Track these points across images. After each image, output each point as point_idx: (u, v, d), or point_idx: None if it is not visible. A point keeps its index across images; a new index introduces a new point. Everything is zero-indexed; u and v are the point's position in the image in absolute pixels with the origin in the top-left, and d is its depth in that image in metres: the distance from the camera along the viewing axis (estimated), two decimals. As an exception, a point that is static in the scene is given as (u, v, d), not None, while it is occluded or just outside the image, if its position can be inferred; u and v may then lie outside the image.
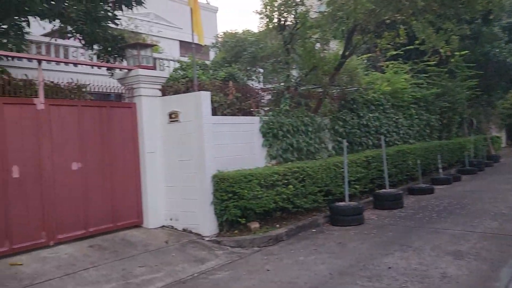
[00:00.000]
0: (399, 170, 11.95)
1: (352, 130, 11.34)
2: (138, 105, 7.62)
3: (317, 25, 10.41)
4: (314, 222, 8.24)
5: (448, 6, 9.33)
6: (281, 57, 10.36)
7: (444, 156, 14.75)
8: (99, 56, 9.34)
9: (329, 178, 8.92)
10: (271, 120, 8.95)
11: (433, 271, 5.26)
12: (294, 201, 8.06)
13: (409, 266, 5.50)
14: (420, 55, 16.78)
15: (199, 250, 6.69)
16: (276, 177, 7.69)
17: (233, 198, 7.22)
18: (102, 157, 7.12)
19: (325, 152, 10.45)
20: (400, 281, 5.01)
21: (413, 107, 14.87)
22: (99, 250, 6.37)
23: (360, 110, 11.85)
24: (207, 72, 9.40)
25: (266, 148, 8.90)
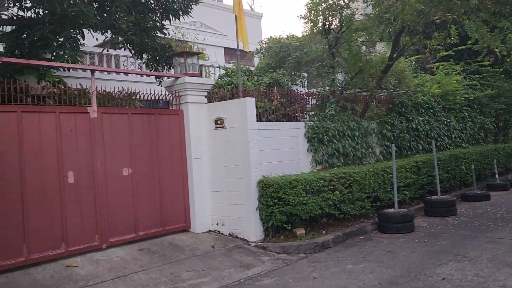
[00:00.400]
0: (451, 175, 11.44)
1: (400, 135, 11.01)
2: (185, 112, 7.79)
3: (363, 28, 10.25)
4: (362, 229, 8.05)
5: (504, 3, 8.87)
6: (326, 61, 10.25)
7: (500, 160, 13.98)
8: (147, 64, 9.64)
9: (377, 184, 8.69)
10: (316, 125, 8.86)
11: (491, 283, 4.96)
12: (341, 208, 7.91)
13: (465, 277, 5.22)
14: (472, 55, 16.08)
15: (245, 255, 6.71)
16: (322, 183, 7.59)
17: (278, 204, 7.19)
18: (151, 163, 7.33)
19: (372, 157, 10.21)
20: (455, 293, 4.77)
21: (466, 110, 14.20)
22: (149, 253, 6.54)
23: (409, 114, 11.48)
24: (251, 78, 9.46)
25: (311, 153, 8.82)
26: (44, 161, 6.10)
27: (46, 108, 6.31)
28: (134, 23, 8.03)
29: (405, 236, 7.56)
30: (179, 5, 9.02)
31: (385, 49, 12.17)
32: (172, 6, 8.94)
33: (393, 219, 7.97)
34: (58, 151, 6.24)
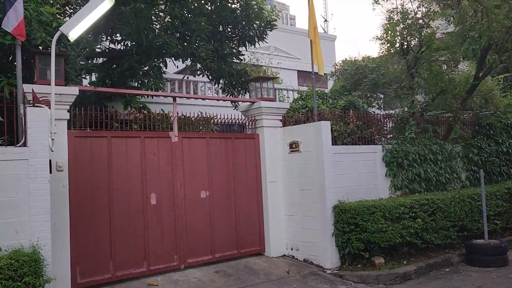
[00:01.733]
0: (550, 204, 10.32)
1: (489, 159, 10.19)
2: (260, 136, 7.90)
3: (444, 47, 9.78)
4: (447, 261, 7.49)
5: None
6: (404, 82, 9.88)
7: None
8: (224, 89, 10.00)
9: (463, 212, 8.08)
10: (395, 148, 8.51)
11: None
12: (423, 236, 7.44)
13: None
14: None
15: (320, 283, 6.53)
16: (402, 209, 7.22)
17: (355, 230, 6.95)
18: (227, 186, 7.49)
19: (457, 182, 9.54)
20: None
21: None
22: (224, 276, 6.62)
23: (498, 136, 10.61)
24: (326, 101, 9.38)
25: (390, 178, 8.46)
26: (129, 183, 6.49)
27: (132, 133, 6.75)
28: (213, 51, 8.41)
29: (497, 271, 6.91)
30: (255, 32, 9.31)
31: (470, 68, 11.46)
32: (248, 33, 9.25)
33: (483, 250, 7.33)
34: (143, 173, 6.61)
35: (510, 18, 7.73)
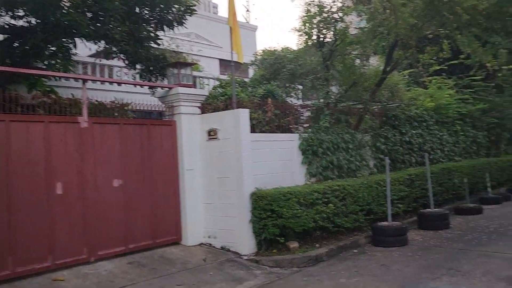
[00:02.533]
0: (444, 188, 11.44)
1: (394, 147, 11.00)
2: (178, 123, 7.72)
3: (357, 41, 10.30)
4: (356, 243, 7.97)
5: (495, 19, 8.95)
6: (320, 73, 10.27)
7: (492, 174, 13.98)
8: (141, 75, 9.60)
9: (371, 196, 8.64)
10: (311, 137, 8.82)
11: (486, 299, 4.90)
12: (335, 220, 7.84)
13: (459, 292, 5.16)
14: (465, 70, 16.21)
15: (237, 269, 6.59)
16: (316, 195, 7.52)
17: (271, 217, 7.10)
18: (142, 174, 7.23)
19: (366, 169, 10.17)
20: (450, 308, 4.70)
21: (459, 123, 14.27)
22: (138, 267, 6.41)
23: (402, 127, 11.49)
24: (245, 89, 9.43)
25: (306, 165, 8.76)
26: (31, 171, 5.98)
27: (35, 117, 6.19)
28: (128, 33, 8.01)
29: (399, 250, 7.49)
30: (173, 15, 9.02)
31: (379, 63, 12.22)
32: (167, 16, 8.94)
33: (387, 232, 7.90)
34: (47, 161, 6.12)
35: (414, 17, 8.33)
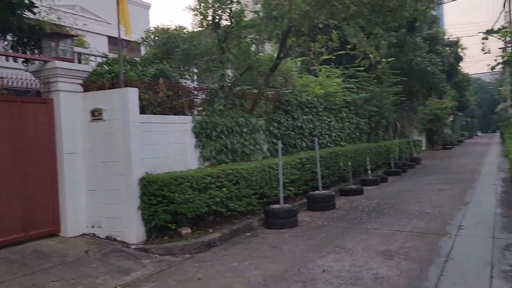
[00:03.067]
0: (331, 171, 12.13)
1: (286, 132, 11.31)
2: (55, 101, 6.89)
3: (252, 25, 10.26)
4: (249, 226, 8.01)
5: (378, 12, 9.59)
6: (215, 55, 10.05)
7: (372, 158, 15.27)
8: (13, 47, 8.43)
9: (264, 180, 8.74)
10: (205, 120, 8.61)
11: (366, 272, 5.22)
12: (228, 205, 7.77)
13: (343, 268, 5.42)
14: (350, 60, 17.37)
15: (123, 259, 6.15)
16: (209, 179, 7.35)
17: (162, 202, 6.77)
18: (12, 158, 6.32)
19: (260, 153, 10.30)
20: (334, 284, 4.90)
21: (344, 111, 15.24)
22: (5, 264, 5.61)
23: (294, 112, 11.86)
24: (135, 68, 8.82)
25: (199, 149, 8.54)
26: None
27: None
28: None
29: (290, 231, 7.71)
30: (51, -20, 8.03)
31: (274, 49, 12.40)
32: (43, -19, 7.92)
33: (279, 214, 8.07)
34: None
35: (307, 4, 8.51)
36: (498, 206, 8.93)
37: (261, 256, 6.22)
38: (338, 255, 6.01)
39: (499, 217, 7.84)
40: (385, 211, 8.99)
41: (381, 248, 6.22)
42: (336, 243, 6.66)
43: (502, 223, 7.36)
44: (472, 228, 7.10)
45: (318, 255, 6.05)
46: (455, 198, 10.12)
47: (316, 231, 7.55)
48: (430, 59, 21.74)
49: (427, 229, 7.22)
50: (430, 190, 11.68)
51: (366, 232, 7.23)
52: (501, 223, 7.41)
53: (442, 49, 25.56)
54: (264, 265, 5.78)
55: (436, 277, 4.95)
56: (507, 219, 7.64)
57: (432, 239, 6.54)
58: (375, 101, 17.54)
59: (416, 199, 10.32)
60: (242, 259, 6.13)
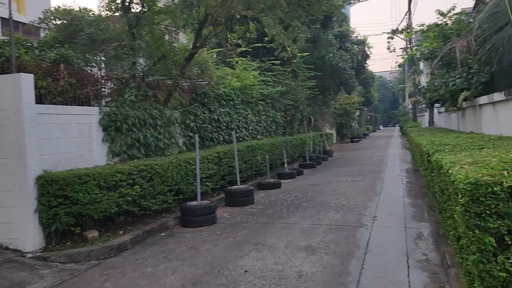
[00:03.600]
0: (249, 165, 11.98)
1: (203, 125, 10.90)
2: None
3: (166, 11, 9.65)
4: (164, 225, 7.49)
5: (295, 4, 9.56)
6: (125, 42, 9.25)
7: (288, 151, 15.46)
8: None
9: (180, 176, 8.26)
10: (114, 111, 7.87)
11: (289, 270, 5.05)
12: (141, 203, 7.17)
13: (266, 267, 5.20)
14: (267, 53, 17.40)
15: (17, 271, 5.33)
16: (119, 176, 6.69)
17: (64, 204, 6.01)
18: None
19: (175, 148, 9.76)
20: (258, 285, 4.65)
21: (261, 104, 15.21)
22: None
23: (211, 105, 11.47)
24: (32, 52, 7.77)
25: (108, 143, 7.80)
26: None
27: None
28: None
29: (208, 229, 7.34)
30: None
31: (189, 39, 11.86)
32: None
33: (196, 211, 7.65)
34: None
35: (224, -9, 8.16)
36: (406, 196, 9.42)
37: (178, 258, 5.78)
38: (260, 253, 5.79)
39: (408, 207, 8.23)
40: (303, 205, 9.01)
41: (302, 243, 6.12)
42: (257, 240, 6.44)
43: (411, 213, 7.72)
44: (386, 219, 7.34)
45: (239, 254, 5.77)
46: (367, 189, 10.52)
47: (236, 228, 7.27)
48: (341, 55, 22.68)
49: (344, 221, 7.31)
50: (344, 182, 12.06)
51: (287, 227, 7.11)
52: (410, 212, 7.77)
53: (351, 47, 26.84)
54: (181, 268, 5.35)
55: (357, 270, 4.93)
56: (415, 209, 8.04)
57: (350, 232, 6.61)
58: (290, 95, 17.80)
59: (331, 191, 10.54)
60: (157, 263, 5.63)
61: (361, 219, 7.39)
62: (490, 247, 2.55)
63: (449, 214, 3.67)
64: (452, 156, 3.87)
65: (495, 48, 7.82)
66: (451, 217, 3.59)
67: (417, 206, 8.29)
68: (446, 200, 3.74)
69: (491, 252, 2.56)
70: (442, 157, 3.91)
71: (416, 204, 8.44)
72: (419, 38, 17.33)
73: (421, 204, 8.35)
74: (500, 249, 2.55)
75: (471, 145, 5.03)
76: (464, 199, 2.63)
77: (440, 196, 4.45)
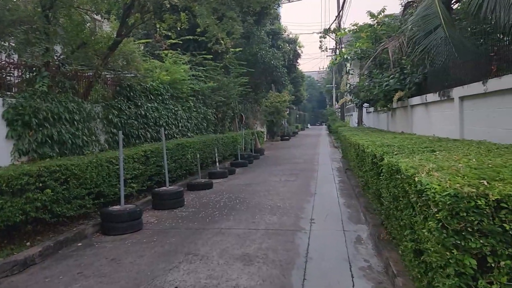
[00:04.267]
0: (178, 165, 11.28)
1: (128, 121, 10.00)
2: None
3: (86, -7, 8.65)
4: (81, 234, 6.61)
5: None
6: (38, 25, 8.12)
7: (219, 149, 14.92)
8: None
9: (101, 177, 7.39)
10: (21, 103, 6.82)
11: (225, 285, 4.54)
12: (54, 209, 6.25)
13: (198, 282, 4.64)
14: (198, 47, 16.71)
15: None
16: (26, 179, 5.75)
17: (-47, 214, 4.97)
18: None
19: (96, 145, 8.81)
20: (190, 305, 4.08)
21: (192, 100, 14.52)
22: None
23: (138, 99, 10.59)
24: None
25: (13, 140, 6.74)
26: None
27: None
28: None
29: (133, 237, 6.61)
30: None
31: (114, 26, 10.84)
32: None
33: (119, 217, 6.86)
34: None
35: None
36: (340, 196, 9.33)
37: (96, 274, 5.01)
38: (192, 264, 5.21)
39: (343, 208, 8.09)
40: (237, 207, 8.53)
41: (238, 251, 5.63)
42: (189, 249, 5.84)
43: (348, 214, 7.57)
44: (323, 221, 7.09)
45: (168, 267, 5.14)
46: (301, 189, 10.32)
47: (164, 235, 6.60)
48: (274, 53, 22.56)
49: (281, 225, 6.94)
50: (277, 181, 11.79)
51: (220, 233, 6.58)
52: (346, 213, 7.61)
53: (283, 45, 26.90)
54: (99, 287, 4.61)
55: (299, 282, 4.55)
56: (350, 210, 7.92)
57: (288, 237, 6.24)
58: (222, 91, 17.26)
59: (265, 191, 10.19)
60: (70, 280, 4.83)
61: (299, 222, 7.08)
62: (470, 270, 2.22)
63: (406, 224, 3.38)
64: (407, 159, 3.59)
65: (427, 50, 7.92)
66: (408, 228, 3.31)
67: (352, 206, 8.18)
68: (403, 208, 3.44)
69: (470, 276, 2.24)
70: (397, 161, 3.62)
71: (351, 205, 8.33)
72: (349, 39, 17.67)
73: (356, 205, 8.27)
74: (480, 272, 2.24)
75: (418, 147, 4.86)
76: (441, 214, 2.29)
77: (391, 203, 4.17)
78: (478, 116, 6.27)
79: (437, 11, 8.38)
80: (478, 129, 6.16)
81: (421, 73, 8.44)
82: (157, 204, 8.70)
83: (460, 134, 6.49)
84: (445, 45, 7.66)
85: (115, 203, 7.55)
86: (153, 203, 8.79)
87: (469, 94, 6.45)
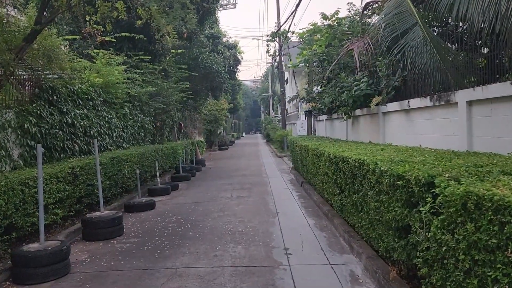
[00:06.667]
0: (113, 182, 9.58)
1: (51, 131, 8.14)
2: None
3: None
4: (-19, 286, 4.82)
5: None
6: None
7: (159, 162, 13.29)
8: None
9: (12, 204, 5.62)
10: None
11: None
12: None
13: None
14: (133, 48, 15.00)
15: None
16: None
17: None
18: None
19: (7, 162, 6.91)
20: None
21: (127, 106, 12.75)
22: None
23: (63, 104, 8.74)
24: None
25: None
26: None
27: None
28: None
29: (57, 285, 4.94)
30: None
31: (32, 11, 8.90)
32: None
33: (37, 260, 5.12)
34: None
35: None
36: (307, 215, 8.20)
37: None
38: (145, 332, 3.73)
39: (317, 231, 6.95)
40: (190, 234, 7.07)
41: (206, 305, 4.24)
42: (137, 304, 4.34)
43: (325, 240, 6.42)
44: (301, 252, 5.87)
45: None
46: (259, 208, 9.07)
47: (100, 283, 4.99)
48: (214, 58, 21.27)
49: (251, 259, 5.61)
50: (229, 198, 10.45)
51: (177, 276, 5.11)
52: (323, 240, 6.46)
53: (223, 50, 25.67)
54: None
55: None
56: (326, 234, 6.79)
57: (266, 278, 4.92)
58: (161, 97, 15.59)
59: (219, 211, 8.81)
60: None
61: (271, 255, 5.80)
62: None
63: None
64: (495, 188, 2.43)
65: (406, 50, 7.10)
66: None
67: (325, 229, 7.07)
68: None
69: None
70: (492, 195, 2.33)
71: (323, 227, 7.23)
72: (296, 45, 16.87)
73: (329, 227, 7.18)
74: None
75: (457, 165, 3.59)
76: None
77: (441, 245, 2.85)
78: (496, 124, 5.13)
79: (411, 8, 7.64)
80: (497, 140, 5.07)
81: (400, 76, 7.61)
82: (89, 234, 6.99)
83: (468, 145, 5.60)
84: (424, 45, 6.87)
85: (32, 236, 5.79)
86: (83, 233, 7.07)
87: (484, 98, 5.34)
